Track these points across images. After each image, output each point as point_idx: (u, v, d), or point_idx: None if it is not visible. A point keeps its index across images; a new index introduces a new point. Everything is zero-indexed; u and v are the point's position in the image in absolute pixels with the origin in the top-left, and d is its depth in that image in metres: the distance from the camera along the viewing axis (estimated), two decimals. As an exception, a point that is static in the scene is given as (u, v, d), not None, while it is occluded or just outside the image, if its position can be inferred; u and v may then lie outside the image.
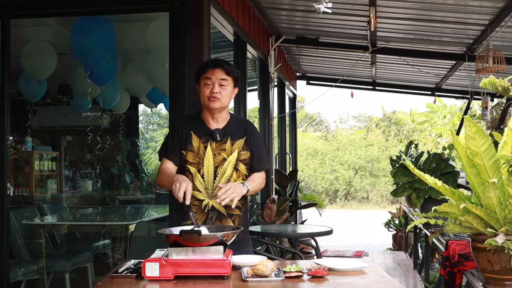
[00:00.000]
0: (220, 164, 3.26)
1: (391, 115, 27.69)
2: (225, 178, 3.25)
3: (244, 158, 3.32)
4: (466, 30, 7.06)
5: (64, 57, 6.76)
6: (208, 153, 3.25)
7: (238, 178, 3.29)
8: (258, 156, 3.40)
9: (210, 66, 3.28)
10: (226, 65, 3.27)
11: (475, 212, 2.50)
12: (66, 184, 10.18)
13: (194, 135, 3.29)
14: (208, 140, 3.28)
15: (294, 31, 8.29)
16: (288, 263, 2.85)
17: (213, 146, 3.27)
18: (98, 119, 8.89)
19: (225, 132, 3.31)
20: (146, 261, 2.54)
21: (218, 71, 3.25)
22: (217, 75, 3.24)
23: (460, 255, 3.58)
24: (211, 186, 3.24)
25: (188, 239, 2.55)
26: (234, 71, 3.32)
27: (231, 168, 3.27)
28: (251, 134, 3.38)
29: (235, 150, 3.29)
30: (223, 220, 3.26)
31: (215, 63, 3.28)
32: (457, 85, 10.82)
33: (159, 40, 5.33)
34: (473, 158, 2.58)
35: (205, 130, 3.31)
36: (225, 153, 3.27)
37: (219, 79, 3.24)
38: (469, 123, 2.53)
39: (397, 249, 9.82)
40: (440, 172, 4.80)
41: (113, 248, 6.74)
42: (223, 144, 3.28)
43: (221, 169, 3.25)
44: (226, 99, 3.28)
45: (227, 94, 3.27)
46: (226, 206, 3.18)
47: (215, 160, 3.26)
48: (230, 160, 3.27)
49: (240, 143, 3.32)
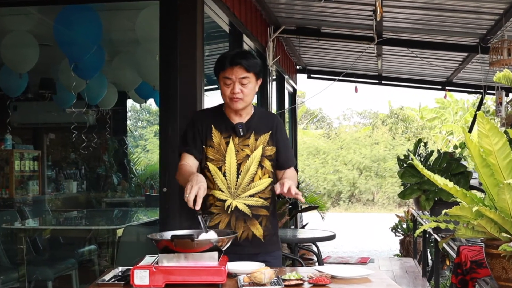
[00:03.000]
0: (243, 161, 3.23)
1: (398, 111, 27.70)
2: (249, 176, 3.23)
3: (269, 154, 3.28)
4: (479, 20, 7.06)
5: (47, 49, 6.75)
6: (230, 149, 3.23)
7: (264, 175, 3.26)
8: (285, 151, 3.37)
9: (228, 64, 3.18)
10: (245, 62, 3.18)
11: (488, 216, 2.50)
12: (49, 185, 10.17)
13: (215, 130, 3.26)
14: (230, 135, 3.25)
15: (294, 21, 8.29)
16: (288, 271, 2.85)
17: (235, 141, 3.24)
18: (83, 116, 8.88)
19: (248, 126, 3.27)
20: (135, 268, 2.54)
21: (237, 69, 3.16)
22: (236, 74, 3.17)
23: (472, 261, 3.58)
24: (233, 185, 3.22)
25: (180, 245, 2.55)
26: (256, 64, 3.22)
27: (255, 165, 3.24)
28: (278, 128, 3.34)
29: (259, 145, 3.26)
30: (248, 221, 3.24)
31: (233, 61, 3.17)
32: (470, 79, 10.82)
33: (149, 31, 5.33)
34: (487, 158, 2.58)
35: (227, 124, 3.28)
36: (249, 149, 3.24)
37: (239, 78, 3.17)
38: (482, 120, 2.53)
39: (405, 256, 9.82)
40: (451, 173, 4.81)
41: (100, 254, 6.73)
42: (247, 140, 3.25)
43: (244, 167, 3.22)
44: (249, 97, 3.23)
45: (249, 92, 3.21)
46: (251, 206, 3.20)
47: (238, 157, 3.23)
48: (255, 157, 3.24)
49: (265, 138, 3.28)
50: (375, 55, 9.29)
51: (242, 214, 3.23)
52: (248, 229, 3.24)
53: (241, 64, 3.16)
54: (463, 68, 9.64)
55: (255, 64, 3.23)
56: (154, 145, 19.51)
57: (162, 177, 4.41)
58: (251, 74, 3.20)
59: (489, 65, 7.14)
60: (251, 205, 3.21)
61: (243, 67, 3.17)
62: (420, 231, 2.91)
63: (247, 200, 3.23)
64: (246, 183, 3.22)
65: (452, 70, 10.10)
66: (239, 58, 3.19)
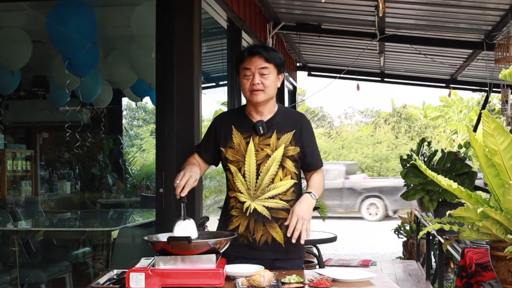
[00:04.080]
0: (263, 161, 3.19)
1: (401, 109, 27.76)
2: (269, 177, 3.18)
3: (292, 154, 3.22)
4: (485, 16, 7.06)
5: (40, 46, 6.74)
6: (250, 150, 3.20)
7: (285, 176, 3.21)
8: (312, 152, 3.32)
9: (247, 54, 3.19)
10: (265, 51, 3.19)
11: (494, 217, 2.50)
12: (42, 186, 10.16)
13: (235, 130, 3.25)
14: (250, 135, 3.22)
15: (294, 16, 8.29)
16: (288, 274, 2.85)
17: (255, 141, 3.21)
18: (77, 114, 8.89)
19: (270, 124, 3.24)
20: (131, 271, 2.54)
21: (256, 59, 3.17)
22: (256, 64, 3.16)
23: (477, 264, 3.58)
24: (253, 186, 3.19)
25: (176, 247, 2.55)
26: (276, 56, 3.23)
27: (276, 165, 3.19)
28: (304, 128, 3.29)
29: (281, 145, 3.21)
30: (267, 224, 3.20)
31: (252, 51, 3.19)
32: (474, 77, 10.83)
33: (145, 27, 5.32)
34: (492, 157, 2.58)
35: (247, 123, 3.26)
36: (269, 148, 3.20)
37: (258, 68, 3.16)
38: (487, 119, 2.53)
39: (408, 258, 9.82)
40: (455, 173, 4.81)
41: (94, 257, 6.73)
42: (268, 139, 3.21)
43: (264, 167, 3.18)
44: (270, 89, 3.21)
45: (270, 83, 3.20)
46: (271, 208, 3.18)
47: (257, 157, 3.19)
48: (275, 157, 3.19)
49: (288, 137, 3.23)
50: (377, 52, 9.29)
51: (261, 216, 3.19)
52: (267, 232, 3.20)
53: (260, 54, 3.17)
54: (468, 66, 9.64)
55: (276, 56, 3.23)
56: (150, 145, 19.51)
57: (158, 177, 4.39)
58: (271, 65, 3.20)
59: (494, 62, 7.14)
60: (270, 207, 3.17)
61: (262, 57, 3.17)
62: (423, 233, 2.91)
63: (266, 202, 3.19)
64: (266, 184, 3.18)
65: (456, 67, 10.10)
66: (258, 48, 3.21)
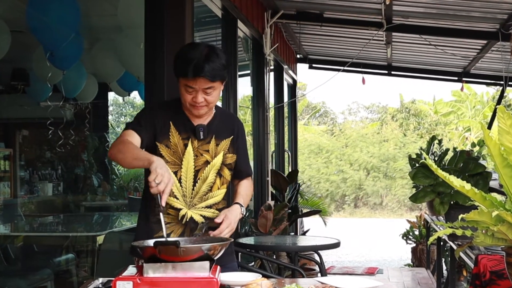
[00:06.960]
0: (202, 167, 3.21)
1: (410, 105, 27.77)
2: (207, 185, 3.22)
3: (229, 162, 3.29)
4: (500, 4, 7.06)
5: (19, 36, 6.74)
6: (188, 153, 3.19)
7: (222, 185, 3.27)
8: (245, 158, 3.42)
9: (191, 74, 3.04)
10: (209, 72, 3.04)
11: (510, 221, 2.50)
12: (22, 187, 10.17)
13: (173, 128, 3.21)
14: (189, 137, 3.20)
15: (294, 4, 8.29)
16: (287, 282, 2.85)
17: (194, 144, 3.20)
18: (60, 110, 8.87)
19: (209, 129, 3.24)
20: (117, 280, 2.53)
21: (201, 80, 3.05)
22: (200, 84, 3.06)
23: (492, 272, 3.59)
24: (189, 193, 3.20)
25: (165, 252, 2.54)
26: (220, 72, 3.10)
27: (214, 173, 3.23)
28: (239, 133, 3.37)
29: (220, 152, 3.25)
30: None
31: (196, 71, 3.03)
32: (489, 69, 10.84)
33: (132, 16, 5.33)
34: (508, 157, 2.58)
35: (186, 125, 3.23)
36: (209, 154, 3.22)
37: (203, 88, 3.08)
38: (503, 115, 2.52)
39: (417, 265, 9.84)
40: (468, 173, 4.81)
41: (78, 264, 6.74)
42: (207, 144, 3.23)
43: (202, 174, 3.21)
44: (213, 103, 3.20)
45: (214, 99, 3.16)
46: (207, 218, 3.20)
47: (196, 162, 3.20)
48: (214, 164, 3.23)
49: (226, 144, 3.28)
50: (384, 43, 9.29)
51: (198, 225, 3.22)
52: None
53: (205, 77, 3.04)
54: (481, 57, 9.64)
55: (220, 72, 3.09)
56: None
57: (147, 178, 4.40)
58: (217, 82, 3.11)
59: (510, 54, 7.15)
60: (207, 217, 3.19)
61: (207, 79, 3.05)
62: (434, 238, 2.91)
63: (203, 211, 3.21)
64: (203, 192, 3.21)
65: (469, 59, 10.10)
66: (202, 69, 3.03)
